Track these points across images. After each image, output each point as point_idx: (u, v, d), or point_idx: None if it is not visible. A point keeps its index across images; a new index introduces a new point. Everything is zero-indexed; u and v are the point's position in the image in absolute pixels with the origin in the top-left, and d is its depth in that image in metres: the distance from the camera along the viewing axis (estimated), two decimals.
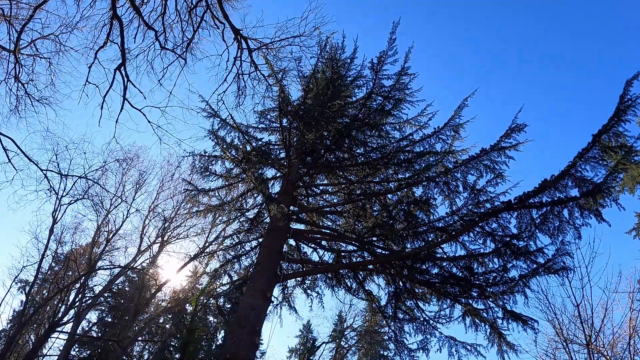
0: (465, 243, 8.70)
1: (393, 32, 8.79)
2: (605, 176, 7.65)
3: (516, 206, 7.98)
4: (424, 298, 9.64)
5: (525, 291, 8.81)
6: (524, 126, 8.36)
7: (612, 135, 7.47)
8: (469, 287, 9.11)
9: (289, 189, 9.39)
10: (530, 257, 8.57)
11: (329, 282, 10.25)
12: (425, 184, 8.33)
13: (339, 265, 9.58)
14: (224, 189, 11.64)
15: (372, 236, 8.86)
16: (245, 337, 7.65)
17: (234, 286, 11.98)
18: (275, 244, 9.15)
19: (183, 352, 21.73)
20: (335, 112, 9.33)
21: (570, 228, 8.07)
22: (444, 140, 8.85)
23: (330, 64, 10.00)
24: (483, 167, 8.29)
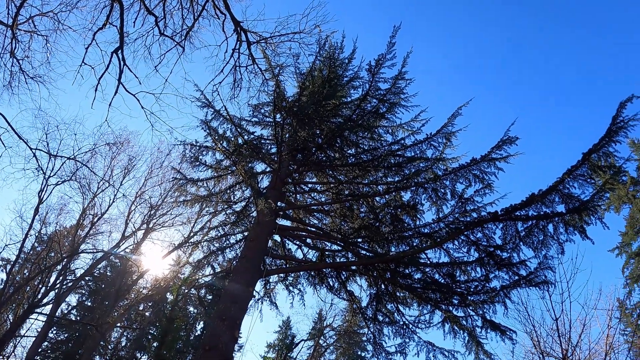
0: (449, 250, 8.76)
1: (393, 35, 8.81)
2: (592, 194, 7.75)
3: (502, 218, 8.05)
4: (405, 302, 9.70)
5: (505, 302, 8.92)
6: (516, 139, 8.43)
7: (602, 155, 7.55)
8: (450, 294, 9.19)
9: (278, 185, 9.37)
10: (513, 268, 8.67)
11: (312, 280, 10.25)
12: (414, 189, 8.36)
13: (323, 264, 9.58)
14: (213, 180, 11.58)
15: (358, 237, 8.88)
16: (226, 330, 7.63)
17: (217, 278, 11.93)
18: (260, 239, 9.12)
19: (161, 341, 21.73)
20: (329, 111, 9.32)
21: (554, 243, 8.18)
22: (435, 147, 8.89)
23: (328, 62, 9.98)
24: (472, 176, 8.35)
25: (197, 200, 11.92)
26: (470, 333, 9.34)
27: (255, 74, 11.45)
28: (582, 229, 7.85)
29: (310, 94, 9.33)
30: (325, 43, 10.31)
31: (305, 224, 9.68)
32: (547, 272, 8.52)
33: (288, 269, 10.25)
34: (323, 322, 24.54)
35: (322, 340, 24.37)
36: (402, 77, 9.23)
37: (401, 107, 9.74)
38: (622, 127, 7.19)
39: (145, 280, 23.69)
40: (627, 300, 29.18)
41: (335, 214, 9.41)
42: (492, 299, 8.93)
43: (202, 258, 12.00)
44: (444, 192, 8.31)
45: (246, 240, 9.64)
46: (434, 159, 8.71)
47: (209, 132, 11.01)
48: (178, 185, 12.28)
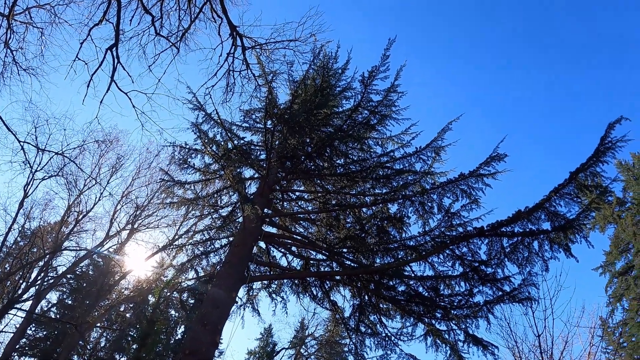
0: (434, 264, 8.77)
1: (387, 48, 8.87)
2: (578, 213, 7.80)
3: (488, 233, 8.07)
4: (388, 314, 9.68)
5: (488, 317, 8.94)
6: (504, 156, 8.49)
7: (589, 175, 7.57)
8: (434, 307, 9.19)
9: (265, 191, 9.32)
10: (497, 284, 8.70)
11: (295, 288, 10.20)
12: (401, 202, 8.37)
13: (307, 273, 9.54)
14: (200, 184, 11.52)
15: (343, 247, 8.86)
16: (207, 335, 7.54)
17: (200, 282, 11.80)
18: (245, 245, 9.06)
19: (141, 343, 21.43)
20: (320, 120, 9.33)
21: (538, 260, 8.20)
22: (424, 160, 8.92)
23: (321, 72, 10.01)
24: (460, 191, 8.39)
25: (183, 202, 11.83)
26: (453, 347, 9.33)
27: (249, 79, 11.45)
28: (567, 247, 7.87)
29: (302, 102, 9.33)
30: (320, 52, 10.35)
31: (291, 232, 9.64)
32: (531, 288, 8.55)
33: (272, 276, 10.19)
34: (305, 331, 24.45)
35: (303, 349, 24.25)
36: (394, 89, 9.27)
37: (392, 120, 9.80)
38: (610, 148, 7.24)
39: (127, 281, 23.43)
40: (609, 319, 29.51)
41: (322, 223, 9.39)
42: (475, 314, 8.94)
43: (185, 261, 11.88)
44: (431, 205, 8.34)
45: (231, 246, 9.58)
46: (422, 173, 8.74)
47: (199, 135, 10.96)
48: (165, 186, 12.17)
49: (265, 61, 10.88)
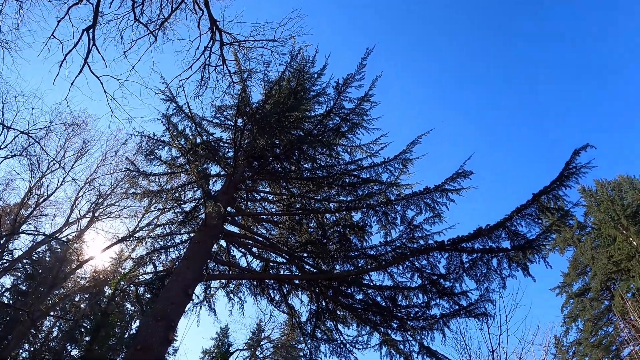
0: (393, 274, 8.80)
1: (365, 57, 8.87)
2: (538, 234, 7.95)
3: (448, 248, 8.13)
4: (345, 321, 9.66)
5: (444, 330, 9.00)
6: (470, 173, 8.58)
7: (552, 198, 7.72)
8: (390, 317, 9.21)
9: (230, 190, 9.18)
10: (454, 298, 8.78)
11: (253, 289, 10.06)
12: (365, 211, 8.37)
13: (266, 275, 9.43)
14: (166, 177, 11.28)
15: (304, 252, 8.79)
16: (161, 331, 7.31)
17: (157, 277, 11.53)
18: (206, 242, 8.89)
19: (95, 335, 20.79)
20: (291, 123, 9.25)
21: (496, 277, 8.31)
22: (391, 171, 8.95)
23: (297, 74, 9.94)
24: (424, 204, 8.44)
25: (147, 194, 11.54)
26: (407, 358, 9.37)
27: (224, 75, 11.30)
28: (525, 266, 8.00)
29: (274, 103, 9.24)
30: (298, 55, 10.28)
31: (253, 233, 9.50)
32: (488, 304, 8.67)
33: (231, 276, 10.03)
34: (261, 334, 24.24)
35: (259, 351, 24.03)
36: (367, 99, 9.28)
37: (363, 129, 9.80)
38: (574, 173, 7.32)
39: (84, 270, 22.73)
40: (563, 338, 30.42)
41: (284, 226, 9.29)
42: (431, 326, 9.00)
43: (145, 254, 11.61)
44: (394, 216, 8.37)
45: (191, 242, 9.38)
46: (388, 183, 8.76)
47: (168, 126, 10.74)
48: (130, 176, 11.89)
49: (242, 59, 10.76)
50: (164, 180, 11.40)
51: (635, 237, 26.11)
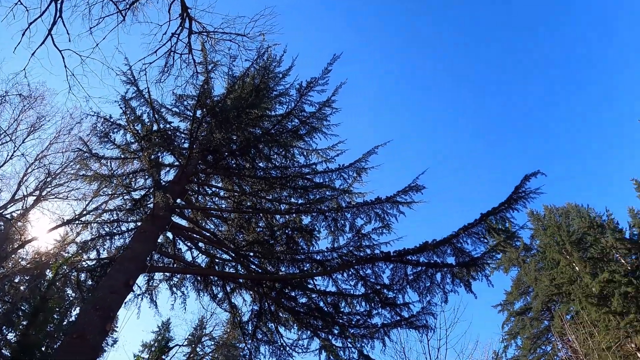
0: (338, 281, 8.80)
1: (331, 63, 8.89)
2: (483, 253, 8.11)
3: (394, 259, 8.19)
4: (286, 324, 9.60)
5: (384, 339, 9.05)
6: (422, 187, 8.70)
7: (499, 219, 7.90)
8: (332, 323, 9.21)
9: (182, 182, 8.97)
10: (396, 309, 8.84)
11: (197, 285, 9.87)
12: (315, 215, 8.35)
13: (211, 271, 9.27)
14: (118, 161, 10.90)
15: (250, 251, 8.68)
16: (99, 320, 7.01)
17: (100, 264, 11.13)
18: (152, 232, 8.64)
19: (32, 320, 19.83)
20: (250, 120, 9.12)
21: (439, 291, 8.41)
22: (345, 178, 8.98)
23: (262, 72, 9.84)
24: (374, 214, 8.49)
25: (97, 178, 11.11)
26: None
27: (188, 64, 11.03)
28: (468, 282, 8.12)
29: (236, 98, 9.10)
30: (265, 53, 10.17)
31: (201, 227, 9.32)
32: (429, 317, 8.78)
33: (175, 269, 9.80)
34: (203, 330, 23.81)
35: (199, 348, 23.60)
36: (329, 104, 9.30)
37: (321, 133, 9.80)
38: (523, 198, 7.47)
39: (26, 251, 21.69)
40: (503, 354, 31.50)
41: (233, 223, 9.15)
42: (371, 335, 9.04)
43: (89, 240, 11.16)
44: (344, 223, 8.38)
45: (137, 231, 9.10)
46: (340, 190, 8.79)
47: (125, 110, 10.41)
48: (81, 157, 11.42)
49: (209, 50, 10.56)
50: (116, 165, 11.02)
51: (578, 262, 27.32)
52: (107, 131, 10.69)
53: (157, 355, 20.39)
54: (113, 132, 10.72)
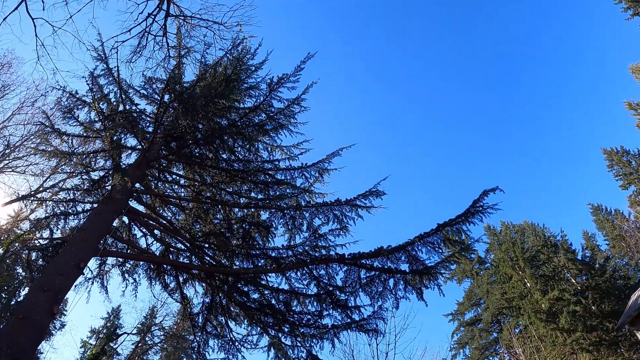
0: (291, 279, 8.80)
1: (304, 61, 8.87)
2: (437, 262, 8.25)
3: (348, 261, 8.26)
4: (237, 319, 9.54)
5: (334, 341, 9.10)
6: (383, 193, 8.81)
7: (455, 231, 8.05)
8: (283, 321, 9.20)
9: (142, 166, 8.78)
10: (347, 311, 8.91)
11: (150, 273, 9.67)
12: (273, 212, 8.33)
13: (165, 260, 9.11)
14: (80, 139, 10.59)
15: (206, 242, 8.59)
16: (46, 302, 6.76)
17: (52, 244, 10.79)
18: (107, 215, 8.43)
19: None
20: (218, 110, 9.02)
21: (391, 296, 8.51)
22: (306, 177, 9.00)
23: (235, 63, 9.75)
24: (332, 215, 8.53)
25: (56, 154, 10.77)
26: None
27: (162, 47, 10.81)
28: (420, 290, 8.22)
29: (206, 87, 8.98)
30: (240, 44, 10.09)
31: (158, 215, 9.15)
32: (379, 321, 8.87)
33: (128, 255, 9.58)
34: (153, 320, 23.37)
35: (148, 337, 23.15)
36: (298, 102, 9.30)
37: (287, 130, 9.79)
38: (480, 212, 7.63)
39: None
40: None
41: (191, 213, 9.03)
42: (321, 335, 9.08)
43: (43, 218, 10.80)
44: (302, 222, 8.39)
45: (92, 213, 8.86)
46: (301, 189, 8.80)
47: (92, 87, 10.14)
48: (43, 132, 11.05)
49: (184, 34, 10.38)
50: (77, 143, 10.71)
51: (529, 279, 28.25)
52: (72, 107, 10.41)
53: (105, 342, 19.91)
54: (77, 108, 10.45)
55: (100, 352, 17.92)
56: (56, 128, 10.76)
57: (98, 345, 21.54)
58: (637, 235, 34.69)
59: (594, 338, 24.94)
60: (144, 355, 23.07)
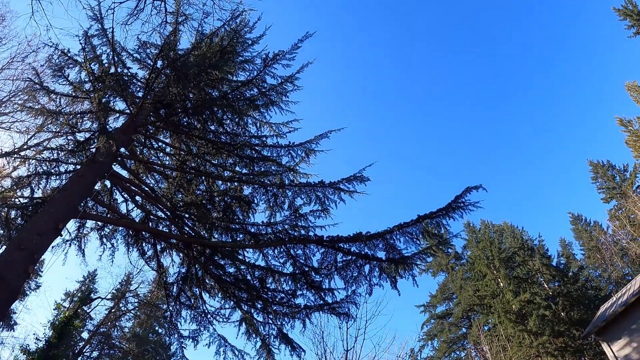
0: (268, 256, 8.84)
1: (301, 40, 8.83)
2: (414, 253, 8.32)
3: (326, 244, 8.30)
4: (211, 291, 9.58)
5: (305, 321, 9.19)
6: (367, 179, 8.85)
7: (435, 224, 8.11)
8: (256, 297, 9.27)
9: (129, 131, 8.70)
10: (321, 292, 8.98)
11: (128, 239, 9.64)
12: (257, 187, 8.35)
13: (144, 227, 9.08)
14: (68, 99, 10.44)
15: (186, 212, 8.58)
16: (21, 261, 6.69)
17: (32, 203, 10.66)
18: (89, 178, 8.35)
19: None
20: (210, 80, 8.95)
21: (365, 282, 8.57)
22: (292, 156, 9.00)
23: (231, 35, 9.63)
24: (315, 197, 8.57)
25: (43, 112, 10.63)
26: (264, 340, 9.50)
27: (159, 11, 10.65)
28: (395, 279, 8.27)
29: (200, 56, 8.87)
30: (239, 16, 9.97)
31: (141, 181, 9.09)
32: (352, 306, 8.97)
33: (108, 219, 9.52)
34: (128, 286, 23.33)
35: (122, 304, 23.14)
36: (292, 80, 9.26)
37: (278, 108, 9.76)
38: (461, 207, 7.64)
39: None
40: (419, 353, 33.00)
41: (174, 182, 8.98)
42: (293, 314, 9.16)
43: (25, 176, 10.66)
44: (283, 200, 8.43)
45: (75, 174, 8.77)
46: (286, 167, 8.81)
47: (85, 46, 9.95)
48: (31, 88, 10.91)
49: (183, 1, 10.26)
50: (65, 102, 10.57)
51: (503, 279, 28.80)
52: (63, 65, 10.24)
53: (79, 305, 19.84)
54: (68, 67, 10.29)
55: (73, 316, 17.89)
56: (45, 86, 10.59)
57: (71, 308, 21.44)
58: (612, 249, 35.48)
59: (559, 343, 25.60)
60: (117, 321, 23.09)
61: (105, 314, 23.04)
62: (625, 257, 34.12)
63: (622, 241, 34.09)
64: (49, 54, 10.44)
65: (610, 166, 36.00)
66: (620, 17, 29.49)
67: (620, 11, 29.28)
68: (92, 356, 23.87)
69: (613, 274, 33.87)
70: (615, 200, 34.99)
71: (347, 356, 13.62)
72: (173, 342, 11.13)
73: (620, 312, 12.81)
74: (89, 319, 22.63)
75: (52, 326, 18.04)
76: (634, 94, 29.57)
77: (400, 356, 16.42)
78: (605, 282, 34.05)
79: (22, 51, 19.62)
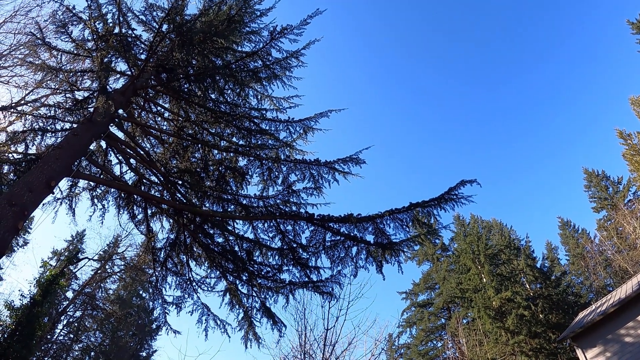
0: (257, 229, 8.90)
1: (311, 16, 8.74)
2: (402, 240, 8.41)
3: (316, 222, 8.36)
4: (198, 260, 9.67)
5: (289, 297, 9.34)
6: (363, 162, 8.88)
7: (426, 213, 8.18)
8: (242, 269, 9.36)
9: (129, 93, 8.65)
10: (307, 270, 9.08)
11: (119, 201, 9.67)
12: (252, 160, 8.37)
13: (137, 190, 9.09)
14: (69, 56, 10.33)
15: (180, 179, 8.61)
16: (11, 217, 6.66)
17: (26, 159, 10.63)
18: (85, 137, 8.31)
19: None
20: (215, 49, 8.88)
21: (351, 264, 8.65)
22: (291, 132, 9.02)
23: (241, 4, 9.51)
24: (309, 174, 8.59)
25: (43, 68, 10.51)
26: (246, 312, 9.64)
27: None
28: (381, 263, 8.35)
29: (206, 23, 8.79)
30: None
31: (137, 144, 9.06)
32: (336, 286, 9.11)
33: (101, 180, 9.51)
34: (116, 248, 23.41)
35: (109, 266, 23.23)
36: (297, 56, 9.21)
37: (280, 82, 9.73)
38: (453, 199, 7.70)
39: None
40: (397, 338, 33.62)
41: (169, 147, 8.99)
42: (277, 289, 9.28)
43: (20, 131, 10.60)
44: (277, 175, 8.46)
45: (71, 132, 8.74)
46: (283, 142, 8.83)
47: (91, 4, 9.82)
48: (33, 43, 10.74)
49: None
50: (66, 59, 10.45)
51: (486, 275, 29.18)
52: (66, 22, 10.08)
53: (65, 264, 19.87)
54: (72, 24, 10.12)
55: (59, 274, 17.94)
56: (47, 41, 10.44)
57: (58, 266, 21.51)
58: (597, 258, 35.97)
59: (535, 344, 26.09)
60: (102, 282, 23.20)
61: (90, 275, 23.18)
62: (609, 267, 34.61)
63: (608, 252, 34.55)
64: (54, 10, 10.29)
65: (604, 176, 36.32)
66: (634, 31, 29.41)
67: (634, 25, 29.19)
68: (75, 316, 24.11)
69: (595, 282, 34.40)
70: (605, 211, 35.38)
71: (326, 335, 13.86)
72: (157, 307, 11.27)
73: (599, 321, 13.01)
74: (75, 279, 22.73)
75: (38, 283, 18.14)
76: (637, 109, 29.66)
77: (378, 340, 16.65)
78: (587, 289, 34.60)
79: (27, 5, 19.26)
